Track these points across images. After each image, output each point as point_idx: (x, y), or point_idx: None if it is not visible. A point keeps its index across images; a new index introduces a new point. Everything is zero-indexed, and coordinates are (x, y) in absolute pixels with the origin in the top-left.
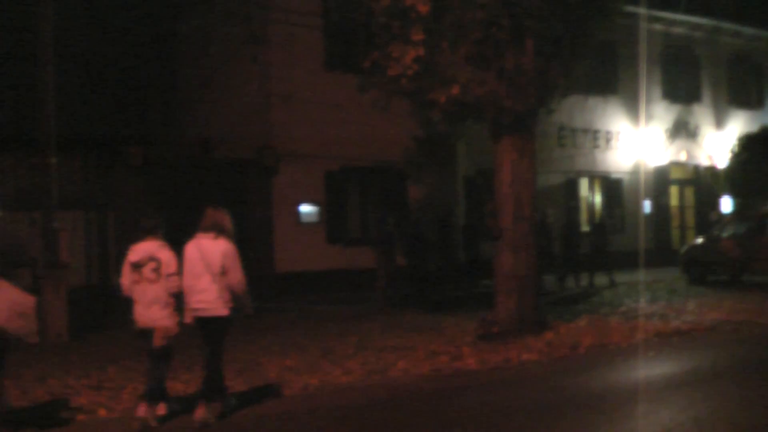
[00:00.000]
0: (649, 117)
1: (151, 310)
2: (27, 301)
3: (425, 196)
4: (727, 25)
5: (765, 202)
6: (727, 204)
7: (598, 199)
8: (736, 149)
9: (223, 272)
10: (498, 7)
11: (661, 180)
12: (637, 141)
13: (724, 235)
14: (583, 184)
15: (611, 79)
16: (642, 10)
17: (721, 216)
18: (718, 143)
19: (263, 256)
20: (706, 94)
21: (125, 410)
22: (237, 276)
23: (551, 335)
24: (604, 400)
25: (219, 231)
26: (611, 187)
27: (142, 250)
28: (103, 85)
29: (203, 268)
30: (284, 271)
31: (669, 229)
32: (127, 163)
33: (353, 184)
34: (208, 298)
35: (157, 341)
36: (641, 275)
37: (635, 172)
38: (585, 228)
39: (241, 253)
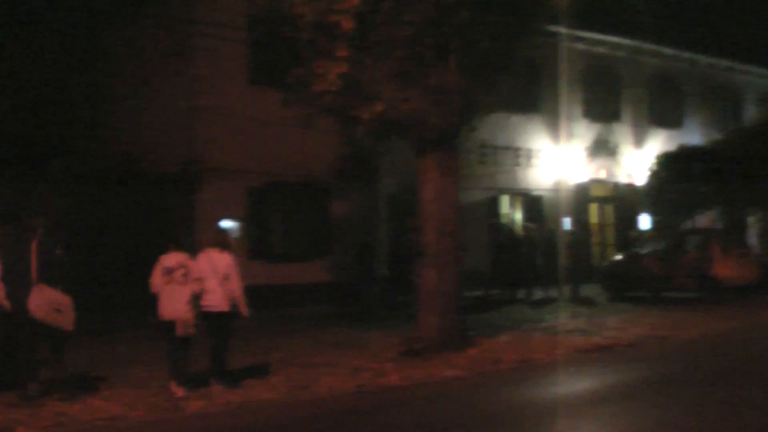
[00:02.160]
0: (570, 135)
1: (176, 306)
2: (64, 300)
3: (348, 212)
4: (647, 46)
5: (683, 219)
6: (646, 221)
7: (518, 216)
8: (655, 167)
9: (226, 278)
10: (423, 25)
11: (581, 197)
12: (558, 159)
13: (644, 252)
14: (504, 201)
15: (533, 98)
16: (564, 30)
17: (641, 233)
18: (637, 161)
19: None
20: (627, 113)
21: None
22: (236, 282)
23: (474, 351)
24: (526, 415)
25: (224, 246)
26: (532, 204)
27: (173, 258)
28: (25, 96)
29: (212, 275)
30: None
31: (589, 246)
32: (49, 177)
33: (276, 200)
34: (215, 298)
35: (180, 330)
36: (562, 291)
37: (556, 189)
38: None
39: None
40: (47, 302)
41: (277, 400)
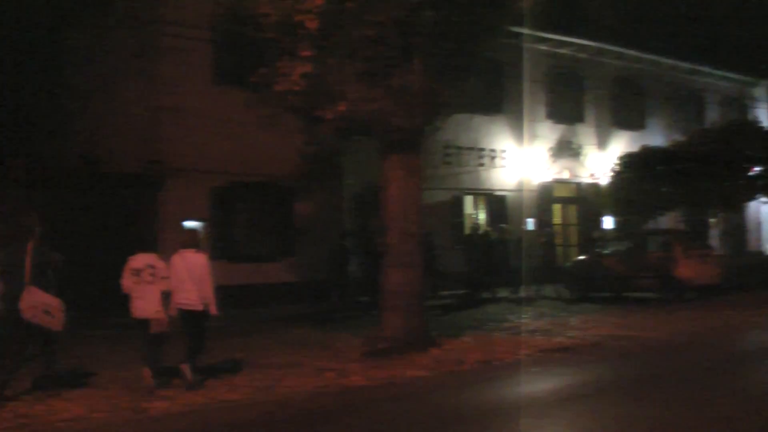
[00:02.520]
0: (534, 136)
1: (147, 305)
2: (54, 302)
3: (312, 212)
4: (611, 48)
5: (646, 220)
6: (609, 222)
7: (482, 216)
8: (618, 168)
9: (201, 278)
10: (387, 26)
11: (544, 198)
12: (522, 159)
13: (607, 252)
14: (468, 202)
15: (497, 99)
16: (528, 31)
17: (604, 233)
18: (600, 162)
19: None
20: (590, 115)
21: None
22: (209, 282)
23: (437, 351)
24: (489, 415)
25: (198, 247)
26: (495, 204)
27: (141, 259)
28: None
29: (187, 275)
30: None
31: (553, 246)
32: (8, 177)
33: (240, 199)
34: (191, 297)
35: (153, 328)
36: (525, 291)
37: (519, 189)
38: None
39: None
40: (37, 304)
41: (240, 401)
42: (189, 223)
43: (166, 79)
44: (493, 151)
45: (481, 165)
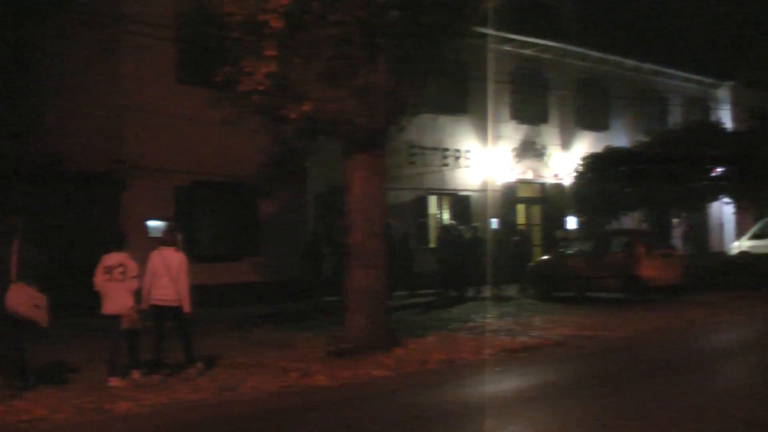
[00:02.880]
0: (498, 136)
1: (118, 301)
2: (40, 297)
3: (276, 212)
4: (574, 49)
5: (609, 220)
6: (572, 222)
7: (446, 216)
8: (581, 169)
9: (178, 275)
10: (352, 25)
11: (508, 198)
12: (486, 159)
13: (571, 252)
14: (432, 201)
15: (461, 99)
16: (493, 32)
17: (567, 233)
18: (564, 163)
19: None
20: (554, 115)
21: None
22: (185, 280)
23: (401, 351)
24: (453, 415)
25: (177, 246)
26: (459, 204)
27: (113, 258)
28: None
29: (164, 272)
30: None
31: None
32: None
33: (204, 199)
34: (166, 293)
35: (124, 324)
36: (491, 291)
37: (483, 189)
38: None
39: (88, 267)
40: (28, 298)
41: (203, 401)
42: (153, 223)
43: (130, 77)
44: (457, 151)
45: (446, 165)
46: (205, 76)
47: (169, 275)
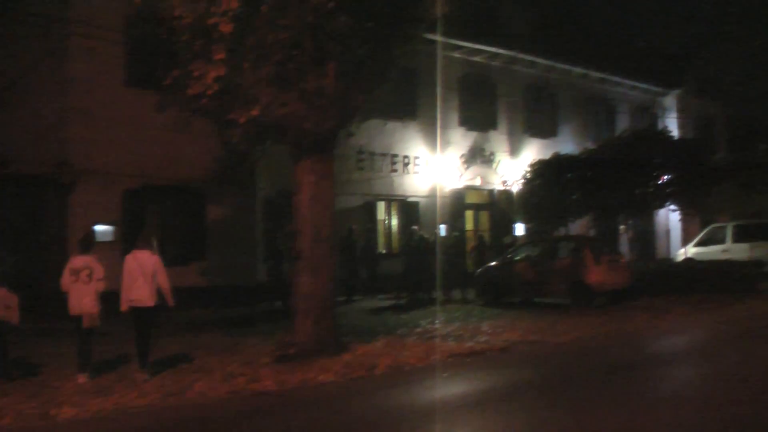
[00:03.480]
0: (447, 142)
1: (82, 302)
2: (12, 297)
3: (224, 216)
4: (523, 56)
5: (557, 226)
6: (520, 228)
7: (394, 221)
8: (529, 175)
9: (154, 276)
10: (301, 30)
11: (457, 204)
12: (435, 165)
13: (518, 258)
14: (381, 207)
15: (411, 105)
16: (442, 38)
17: (515, 239)
18: (512, 169)
19: (56, 275)
20: (503, 122)
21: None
22: (164, 278)
23: (349, 356)
24: (399, 420)
25: (152, 248)
26: (408, 210)
27: (80, 260)
28: None
29: (140, 273)
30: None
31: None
32: None
33: (152, 203)
34: (142, 294)
35: (86, 323)
36: (437, 296)
37: (432, 195)
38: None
39: (33, 271)
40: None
41: (149, 407)
42: (98, 227)
43: (77, 79)
44: (406, 157)
45: (394, 171)
46: (154, 79)
47: (144, 277)
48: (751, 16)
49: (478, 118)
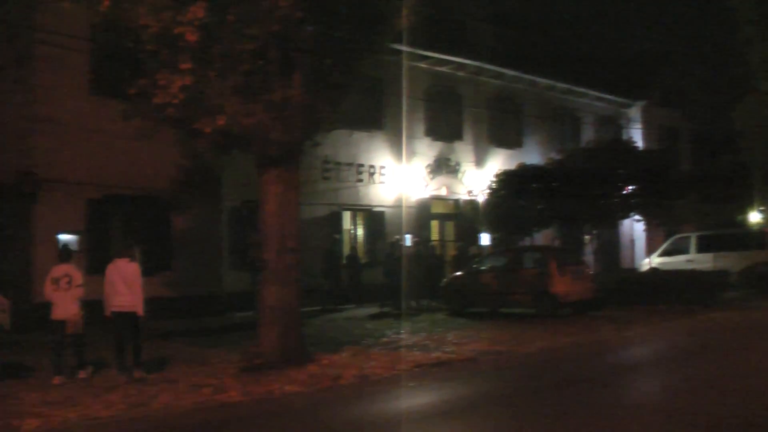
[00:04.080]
0: (413, 153)
1: (65, 308)
2: (4, 301)
3: (190, 226)
4: (489, 67)
5: (522, 236)
6: (486, 238)
7: (360, 231)
8: (495, 185)
9: (133, 284)
10: (267, 40)
11: (422, 214)
12: (400, 176)
13: (484, 268)
14: (346, 217)
15: (377, 115)
16: (408, 49)
17: (481, 250)
18: (478, 180)
19: (20, 285)
20: (468, 133)
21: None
22: (137, 287)
23: (314, 367)
24: (365, 430)
25: (132, 257)
26: (373, 220)
27: (60, 269)
28: None
29: (120, 281)
30: (43, 301)
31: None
32: None
33: (116, 213)
34: (123, 300)
35: (70, 329)
36: (403, 306)
37: (398, 205)
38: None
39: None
40: None
41: (114, 418)
42: (62, 236)
43: (42, 88)
44: (372, 167)
45: (360, 181)
46: (120, 88)
47: (125, 284)
48: (713, 29)
49: (444, 128)
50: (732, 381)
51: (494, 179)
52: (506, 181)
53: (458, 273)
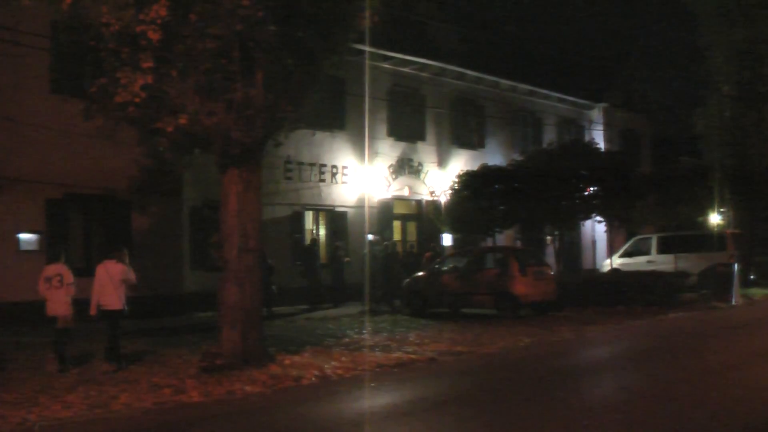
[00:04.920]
0: (375, 153)
1: (56, 305)
2: None
3: (150, 226)
4: (451, 68)
5: (484, 237)
6: (447, 239)
7: (322, 231)
8: (457, 186)
9: (123, 281)
10: (229, 39)
11: (384, 214)
12: (363, 176)
13: (445, 268)
14: (309, 217)
15: (339, 115)
16: (371, 49)
17: (442, 249)
18: (440, 180)
19: None
20: (431, 133)
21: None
22: (132, 278)
23: (275, 367)
24: (326, 431)
25: (120, 259)
26: (336, 220)
27: (52, 269)
28: None
29: (108, 281)
30: (1, 300)
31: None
32: None
33: (77, 212)
34: (111, 299)
35: (60, 324)
36: (363, 307)
37: (360, 206)
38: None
39: None
40: None
41: (74, 419)
42: (24, 235)
43: (2, 87)
44: (334, 167)
45: (322, 181)
46: (80, 86)
47: (112, 284)
48: (674, 30)
49: (407, 128)
50: (680, 385)
51: (456, 180)
52: (468, 181)
53: (420, 273)
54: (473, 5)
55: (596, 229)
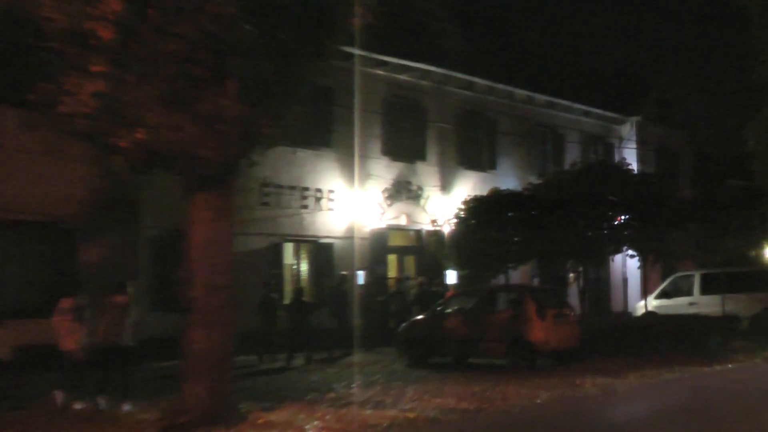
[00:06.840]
0: (367, 175)
1: (67, 338)
2: None
3: (101, 258)
4: (458, 75)
5: (495, 274)
6: (452, 276)
7: (304, 267)
8: (463, 214)
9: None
10: (196, 40)
11: (378, 247)
12: (352, 202)
13: (449, 310)
14: (288, 250)
15: (325, 130)
16: (363, 53)
17: (446, 288)
18: (443, 207)
19: None
20: (433, 152)
21: None
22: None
23: (248, 427)
24: None
25: (122, 293)
26: (320, 253)
27: (67, 302)
28: None
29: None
30: None
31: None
32: None
33: (10, 241)
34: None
35: (71, 357)
36: (354, 356)
37: (349, 236)
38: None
39: None
40: None
41: None
42: None
43: None
44: (319, 191)
45: (305, 207)
46: (18, 93)
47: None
48: (721, 35)
49: (405, 146)
50: None
51: (463, 206)
52: (477, 208)
53: (419, 317)
54: (483, 3)
55: (628, 264)
